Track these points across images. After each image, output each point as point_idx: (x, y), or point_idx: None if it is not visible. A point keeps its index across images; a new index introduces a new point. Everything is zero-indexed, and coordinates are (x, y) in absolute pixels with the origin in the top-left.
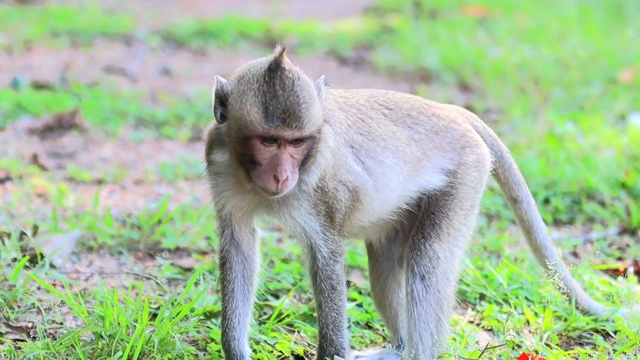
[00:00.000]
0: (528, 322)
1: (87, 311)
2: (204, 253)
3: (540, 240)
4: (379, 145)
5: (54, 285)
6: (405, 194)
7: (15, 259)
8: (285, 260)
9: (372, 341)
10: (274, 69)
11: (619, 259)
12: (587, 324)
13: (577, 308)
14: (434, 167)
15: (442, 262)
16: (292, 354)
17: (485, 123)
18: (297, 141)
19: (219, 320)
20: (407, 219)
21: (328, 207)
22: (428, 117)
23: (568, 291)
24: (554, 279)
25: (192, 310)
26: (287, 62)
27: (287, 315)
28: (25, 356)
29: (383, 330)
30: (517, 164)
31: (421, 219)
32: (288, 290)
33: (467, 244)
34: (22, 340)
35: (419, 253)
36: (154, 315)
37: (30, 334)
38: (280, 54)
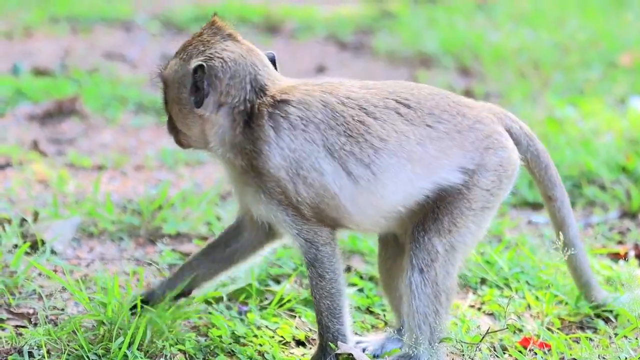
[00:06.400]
0: (529, 306)
1: (89, 297)
2: (204, 239)
3: (570, 238)
4: (371, 147)
5: (55, 271)
6: (417, 192)
7: (16, 246)
8: (286, 246)
9: (373, 326)
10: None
11: (620, 242)
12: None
13: (591, 300)
14: (453, 165)
15: (442, 256)
16: (294, 339)
17: None
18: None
19: (220, 305)
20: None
21: (288, 199)
22: (452, 116)
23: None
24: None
25: (193, 297)
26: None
27: (288, 301)
28: (26, 342)
29: (384, 315)
30: None
31: (425, 211)
32: (289, 276)
33: (476, 242)
34: (23, 327)
35: (417, 245)
36: None
37: (32, 320)
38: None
